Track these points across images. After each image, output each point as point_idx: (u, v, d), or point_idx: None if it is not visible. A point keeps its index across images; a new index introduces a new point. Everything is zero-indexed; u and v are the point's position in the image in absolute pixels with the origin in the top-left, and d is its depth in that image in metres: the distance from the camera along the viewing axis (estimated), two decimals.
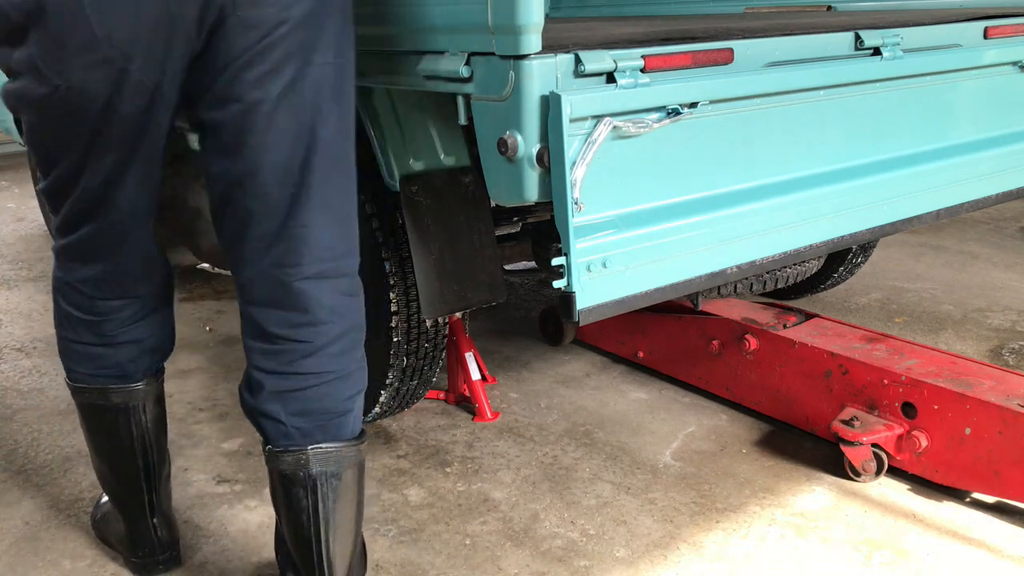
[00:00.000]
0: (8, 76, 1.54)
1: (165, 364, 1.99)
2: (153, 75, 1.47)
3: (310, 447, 1.65)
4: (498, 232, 2.48)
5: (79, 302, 1.80)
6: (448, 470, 2.47)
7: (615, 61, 1.61)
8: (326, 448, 1.65)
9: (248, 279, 1.64)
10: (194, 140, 2.06)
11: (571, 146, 1.54)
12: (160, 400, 1.97)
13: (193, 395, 2.97)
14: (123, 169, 1.59)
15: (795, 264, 3.13)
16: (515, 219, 2.73)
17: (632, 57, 1.64)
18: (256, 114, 1.49)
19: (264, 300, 1.63)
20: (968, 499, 2.28)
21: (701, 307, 2.82)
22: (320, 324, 1.63)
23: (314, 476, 1.65)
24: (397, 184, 2.13)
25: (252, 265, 1.62)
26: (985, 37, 2.34)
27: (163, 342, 1.93)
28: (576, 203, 1.55)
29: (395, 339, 2.33)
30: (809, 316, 2.77)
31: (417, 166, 2.14)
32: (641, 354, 3.04)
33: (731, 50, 1.82)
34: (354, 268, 1.68)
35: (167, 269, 1.88)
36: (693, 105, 1.70)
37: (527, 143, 1.57)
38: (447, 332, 2.52)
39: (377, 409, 2.48)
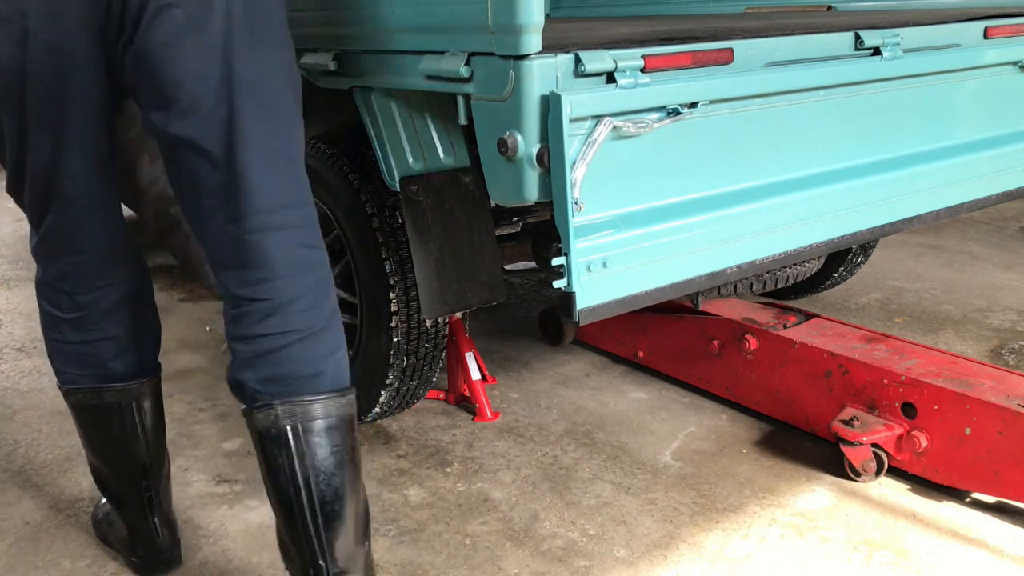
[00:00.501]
0: None
1: (164, 364, 1.99)
2: (59, 32, 1.45)
3: (279, 401, 1.57)
4: (498, 232, 2.48)
5: (58, 300, 1.80)
6: (448, 470, 2.47)
7: (615, 61, 1.61)
8: (295, 401, 1.57)
9: (209, 241, 1.60)
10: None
11: (571, 146, 1.54)
12: (157, 400, 1.96)
13: (193, 395, 2.97)
14: (60, 148, 1.58)
15: (795, 264, 3.13)
16: (515, 219, 2.74)
17: (632, 57, 1.64)
18: (168, 60, 1.47)
19: (224, 261, 1.59)
20: (968, 499, 2.28)
21: (701, 307, 2.82)
22: (277, 279, 1.56)
23: (285, 431, 1.55)
24: (397, 184, 2.13)
25: (208, 225, 1.58)
26: (985, 37, 2.34)
27: (144, 339, 1.90)
28: (576, 203, 1.55)
29: (395, 339, 2.34)
30: (809, 316, 2.77)
31: (417, 166, 2.14)
32: (641, 354, 3.03)
33: (731, 50, 1.82)
34: (309, 219, 1.62)
35: (139, 263, 1.87)
36: (693, 105, 1.70)
37: (527, 143, 1.57)
38: (447, 332, 2.52)
39: (377, 409, 2.48)
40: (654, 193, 1.73)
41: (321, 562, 1.58)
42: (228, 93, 1.49)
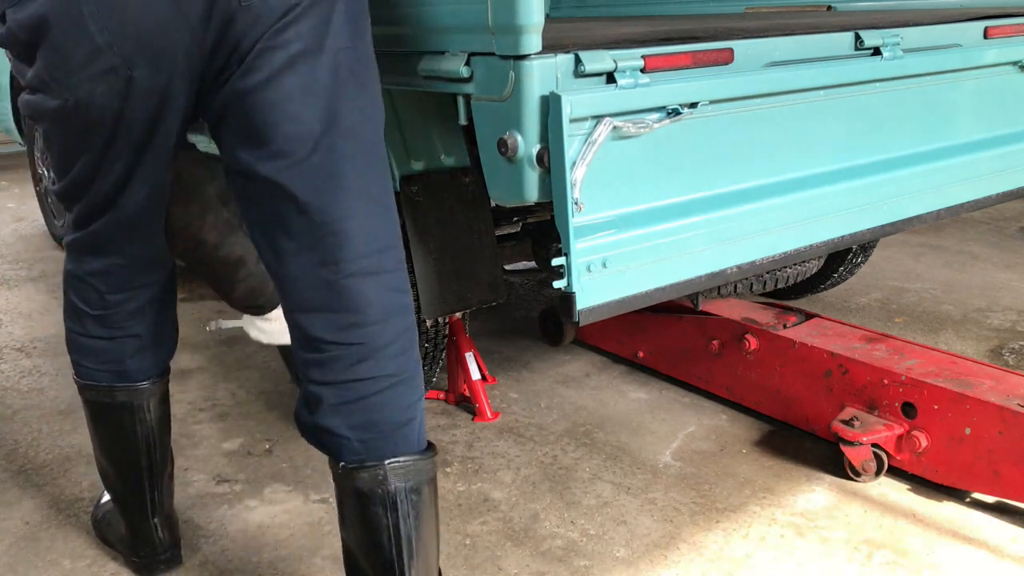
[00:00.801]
0: (26, 90, 1.55)
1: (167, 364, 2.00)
2: (160, 80, 1.44)
3: (387, 462, 1.54)
4: (498, 232, 2.48)
5: (87, 296, 1.81)
6: (448, 470, 2.47)
7: (615, 61, 1.61)
8: (403, 462, 1.55)
9: (290, 282, 1.55)
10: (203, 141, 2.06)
11: (571, 146, 1.54)
12: (164, 400, 1.98)
13: (193, 395, 2.97)
14: (132, 174, 1.59)
15: (795, 264, 3.13)
16: (515, 219, 2.73)
17: (632, 57, 1.64)
18: (275, 103, 1.44)
19: (310, 304, 1.53)
20: (968, 499, 2.28)
21: (701, 307, 2.82)
22: (372, 324, 1.52)
23: (394, 492, 1.54)
24: (397, 184, 2.13)
25: (289, 266, 1.53)
26: (985, 37, 2.34)
27: (164, 340, 1.94)
28: (576, 203, 1.55)
29: None
30: (809, 316, 2.77)
31: (417, 166, 2.14)
32: (641, 354, 3.04)
33: (731, 50, 1.81)
34: (400, 263, 1.58)
35: (172, 270, 1.89)
36: (693, 105, 1.70)
37: (527, 143, 1.56)
38: (447, 332, 2.52)
39: None
40: (654, 193, 1.73)
41: None
42: (331, 139, 1.46)
